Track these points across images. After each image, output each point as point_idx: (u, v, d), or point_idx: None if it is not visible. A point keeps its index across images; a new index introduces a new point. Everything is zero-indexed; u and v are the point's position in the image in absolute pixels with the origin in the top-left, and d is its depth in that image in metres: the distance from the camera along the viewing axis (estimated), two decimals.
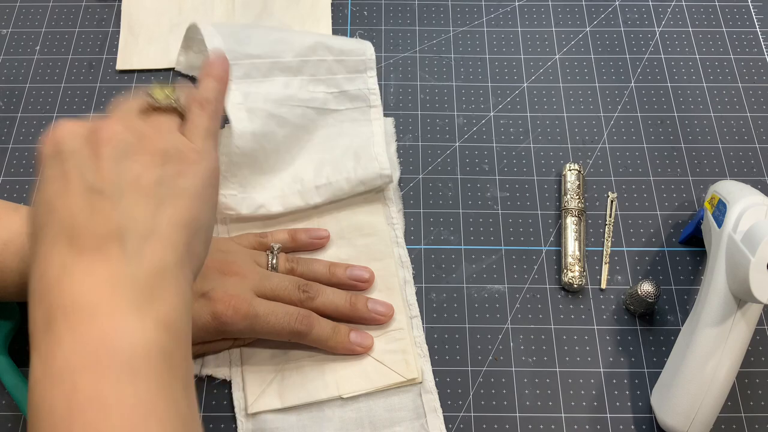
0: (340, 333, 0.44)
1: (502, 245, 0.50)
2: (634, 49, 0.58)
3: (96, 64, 0.57)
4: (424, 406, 0.44)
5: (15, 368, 0.44)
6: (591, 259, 0.49)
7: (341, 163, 0.49)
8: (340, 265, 0.47)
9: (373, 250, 0.48)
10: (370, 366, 0.44)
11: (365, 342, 0.45)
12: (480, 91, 0.56)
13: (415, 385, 0.44)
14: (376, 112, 0.53)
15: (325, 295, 0.45)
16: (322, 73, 0.52)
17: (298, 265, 0.46)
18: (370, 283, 0.47)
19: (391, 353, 0.45)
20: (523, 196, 0.51)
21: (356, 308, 0.45)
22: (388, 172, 0.49)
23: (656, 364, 0.46)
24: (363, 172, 0.49)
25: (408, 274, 0.48)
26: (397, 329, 0.46)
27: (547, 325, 0.47)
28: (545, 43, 0.58)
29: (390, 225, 0.50)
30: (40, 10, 0.59)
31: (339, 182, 0.49)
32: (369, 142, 0.51)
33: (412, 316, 0.47)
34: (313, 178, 0.49)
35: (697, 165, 0.53)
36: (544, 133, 0.54)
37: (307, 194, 0.49)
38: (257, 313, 0.41)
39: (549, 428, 0.44)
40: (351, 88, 0.53)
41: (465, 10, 0.60)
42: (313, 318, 0.43)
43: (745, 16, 0.60)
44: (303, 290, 0.44)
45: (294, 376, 0.44)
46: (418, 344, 0.46)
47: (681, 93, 0.56)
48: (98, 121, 0.32)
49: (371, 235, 0.49)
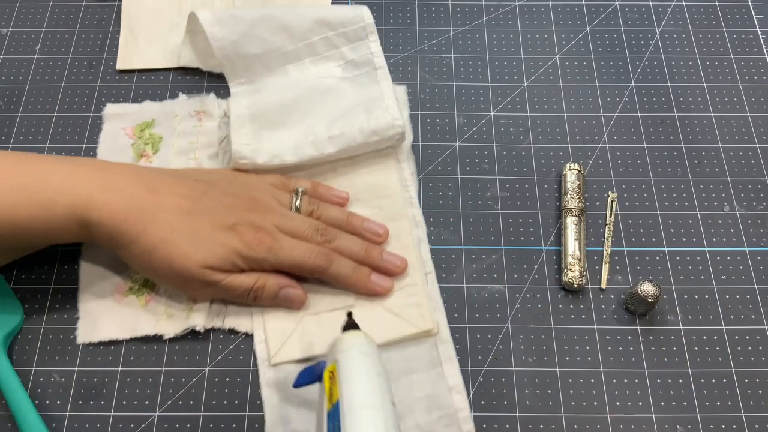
0: (360, 271, 0.46)
1: (502, 245, 0.50)
2: (634, 49, 0.58)
3: (96, 64, 0.57)
4: (440, 355, 0.45)
5: (11, 369, 0.44)
6: (591, 259, 0.49)
7: (353, 116, 0.50)
8: (357, 216, 0.49)
9: (388, 210, 0.50)
10: (386, 318, 0.45)
11: (385, 283, 0.46)
12: (480, 91, 0.56)
13: (431, 336, 0.45)
14: (382, 72, 0.53)
15: (342, 240, 0.46)
16: (325, 51, 0.54)
17: (319, 208, 0.48)
18: (384, 239, 0.48)
19: (406, 307, 0.46)
20: (523, 196, 0.51)
21: (371, 256, 0.47)
22: (400, 122, 0.50)
23: (656, 364, 0.46)
24: (375, 122, 0.49)
25: (422, 233, 0.49)
26: (412, 285, 0.47)
27: (547, 325, 0.47)
28: (545, 43, 0.58)
29: (404, 187, 0.51)
30: (40, 10, 0.59)
31: (352, 132, 0.49)
32: (379, 97, 0.52)
33: (426, 272, 0.48)
34: (326, 130, 0.50)
35: (697, 165, 0.53)
36: (544, 133, 0.54)
37: (321, 144, 0.49)
38: (281, 246, 0.44)
39: (549, 428, 0.44)
40: (356, 57, 0.54)
41: (465, 10, 0.60)
42: (333, 255, 0.45)
43: (745, 16, 0.60)
44: (321, 233, 0.46)
45: (314, 328, 0.45)
46: (433, 298, 0.47)
47: (681, 93, 0.56)
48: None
49: (386, 196, 0.50)
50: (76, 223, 0.41)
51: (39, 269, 0.48)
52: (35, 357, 0.45)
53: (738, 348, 0.46)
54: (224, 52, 0.52)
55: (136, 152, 0.52)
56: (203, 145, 0.52)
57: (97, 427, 0.43)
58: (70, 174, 0.41)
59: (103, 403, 0.44)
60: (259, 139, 0.49)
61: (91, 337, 0.46)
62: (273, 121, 0.50)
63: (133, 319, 0.46)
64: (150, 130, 0.53)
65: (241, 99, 0.52)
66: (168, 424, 0.43)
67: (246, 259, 0.43)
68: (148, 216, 0.41)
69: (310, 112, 0.51)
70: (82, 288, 0.47)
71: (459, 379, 0.44)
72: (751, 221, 0.51)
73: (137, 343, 0.46)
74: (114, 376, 0.45)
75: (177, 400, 0.44)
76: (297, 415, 0.43)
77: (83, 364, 0.45)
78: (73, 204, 0.40)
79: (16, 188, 0.40)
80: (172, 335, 0.45)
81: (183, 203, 0.43)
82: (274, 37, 0.52)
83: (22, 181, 0.40)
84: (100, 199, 0.41)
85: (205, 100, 0.54)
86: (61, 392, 0.44)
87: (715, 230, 0.50)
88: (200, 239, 0.42)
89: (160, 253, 0.41)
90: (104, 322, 0.46)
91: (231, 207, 0.44)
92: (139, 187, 0.42)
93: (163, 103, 0.54)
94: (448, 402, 0.43)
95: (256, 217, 0.45)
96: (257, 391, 0.44)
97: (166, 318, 0.46)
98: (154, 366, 0.45)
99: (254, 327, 0.46)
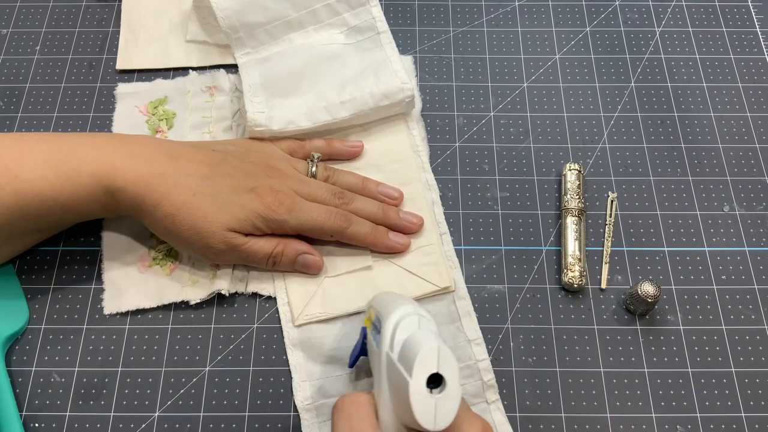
0: (378, 230, 0.47)
1: (502, 245, 0.50)
2: (634, 49, 0.58)
3: (96, 64, 0.57)
4: (458, 310, 0.46)
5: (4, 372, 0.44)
6: (591, 259, 0.49)
7: (362, 81, 0.51)
8: (372, 181, 0.50)
9: (401, 174, 0.51)
10: (405, 278, 0.47)
11: (403, 240, 0.48)
12: (480, 91, 0.56)
13: (449, 293, 0.47)
14: (385, 36, 0.55)
15: (359, 202, 0.48)
16: (328, 18, 0.55)
17: (335, 174, 0.49)
18: (399, 201, 0.49)
19: (424, 266, 0.47)
20: (523, 196, 0.51)
21: (388, 215, 0.48)
22: (409, 85, 0.51)
23: (656, 364, 0.46)
24: (385, 86, 0.51)
25: (435, 196, 0.50)
26: (428, 245, 0.48)
27: (547, 325, 0.47)
28: (545, 43, 0.58)
29: (416, 152, 0.52)
30: (40, 10, 0.59)
31: (363, 96, 0.50)
32: (385, 61, 0.53)
33: (441, 233, 0.49)
34: (337, 96, 0.51)
35: (697, 165, 0.53)
36: (544, 133, 0.54)
37: (333, 109, 0.50)
38: (301, 208, 0.45)
39: (549, 428, 0.44)
40: (358, 23, 0.55)
41: (465, 10, 0.60)
42: (351, 216, 0.47)
43: (745, 16, 0.60)
44: (339, 196, 0.47)
45: (335, 290, 0.47)
46: (449, 257, 0.48)
47: (681, 93, 0.56)
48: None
49: (398, 161, 0.51)
50: (102, 191, 0.42)
51: (39, 269, 0.48)
52: (35, 357, 0.45)
53: (738, 348, 0.46)
54: (229, 21, 0.53)
55: (151, 128, 0.53)
56: (216, 119, 0.53)
57: (97, 427, 0.43)
58: (93, 145, 0.43)
59: (103, 403, 0.44)
60: (273, 106, 0.50)
61: (118, 307, 0.47)
62: (284, 89, 0.52)
63: (158, 288, 0.47)
64: (163, 107, 0.54)
65: (251, 69, 0.53)
66: (168, 424, 0.43)
67: (266, 220, 0.44)
68: (171, 180, 0.43)
69: (318, 78, 0.52)
70: (105, 260, 0.48)
71: (478, 332, 0.45)
72: (751, 221, 0.51)
73: (137, 342, 0.46)
74: (114, 376, 0.45)
75: (177, 400, 0.44)
76: (322, 372, 0.44)
77: (83, 364, 0.45)
78: (97, 172, 0.42)
79: (41, 161, 0.41)
80: (198, 300, 0.46)
81: (203, 169, 0.44)
82: (277, 6, 0.53)
83: (47, 155, 0.41)
84: (123, 166, 0.42)
85: (215, 75, 0.55)
86: (61, 392, 0.44)
87: (715, 230, 0.50)
88: (222, 201, 0.44)
89: (184, 215, 0.43)
90: (130, 292, 0.47)
91: (250, 172, 0.46)
92: (160, 155, 0.44)
93: (175, 80, 0.55)
94: (468, 353, 0.45)
95: (274, 182, 0.46)
96: (257, 391, 0.45)
97: (191, 285, 0.47)
98: (154, 366, 0.45)
99: (276, 290, 0.47)
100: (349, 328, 0.45)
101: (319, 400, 0.44)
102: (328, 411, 0.43)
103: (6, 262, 0.48)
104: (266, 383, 0.45)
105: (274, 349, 0.46)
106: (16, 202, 0.41)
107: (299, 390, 0.44)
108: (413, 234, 0.48)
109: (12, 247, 0.46)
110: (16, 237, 0.45)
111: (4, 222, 0.41)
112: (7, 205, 0.41)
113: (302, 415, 0.44)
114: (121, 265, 0.48)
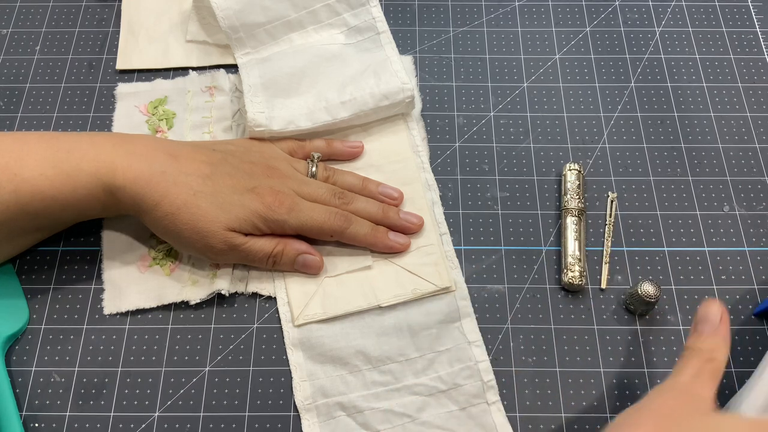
0: (378, 230, 0.47)
1: (502, 245, 0.50)
2: (634, 49, 0.58)
3: (96, 64, 0.57)
4: (459, 311, 0.46)
5: (5, 376, 0.44)
6: (591, 259, 0.49)
7: (363, 81, 0.51)
8: (372, 181, 0.50)
9: (401, 175, 0.51)
10: (405, 278, 0.47)
11: (403, 240, 0.48)
12: (480, 91, 0.56)
13: (449, 293, 0.46)
14: (385, 36, 0.55)
15: (359, 202, 0.48)
16: (328, 18, 0.55)
17: (335, 174, 0.49)
18: (399, 202, 0.50)
19: (424, 266, 0.47)
20: (523, 196, 0.51)
21: (388, 216, 0.48)
22: (409, 86, 0.51)
23: (656, 364, 0.46)
24: (385, 86, 0.51)
25: (435, 196, 0.50)
26: (428, 245, 0.48)
27: (547, 325, 0.47)
28: (545, 43, 0.58)
29: (416, 152, 0.52)
30: (40, 10, 0.59)
31: (363, 97, 0.51)
32: (386, 61, 0.53)
33: (441, 233, 0.49)
34: (338, 96, 0.51)
35: (697, 165, 0.53)
36: (544, 133, 0.54)
37: (333, 109, 0.50)
38: (301, 209, 0.45)
39: (549, 428, 0.44)
40: (358, 23, 0.55)
41: (465, 10, 0.60)
42: (351, 216, 0.47)
43: (745, 16, 0.60)
44: (339, 196, 0.47)
45: (335, 290, 0.47)
46: (449, 257, 0.48)
47: (681, 93, 0.56)
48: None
49: (398, 161, 0.52)
50: (102, 189, 0.42)
51: (39, 269, 0.48)
52: (35, 357, 0.45)
53: (738, 348, 0.46)
54: (229, 21, 0.53)
55: (151, 128, 0.53)
56: (217, 119, 0.53)
57: (97, 427, 0.43)
58: (93, 143, 0.43)
59: (103, 403, 0.44)
60: (273, 107, 0.51)
61: (118, 308, 0.47)
62: (284, 89, 0.52)
63: (158, 288, 0.47)
64: (163, 107, 0.54)
65: (251, 69, 0.53)
66: (168, 424, 0.43)
67: (267, 220, 0.44)
68: (171, 179, 0.43)
69: (318, 78, 0.52)
70: (105, 260, 0.48)
71: (478, 334, 0.46)
72: (751, 221, 0.51)
73: (137, 342, 0.46)
74: (114, 376, 0.45)
75: (177, 400, 0.44)
76: (322, 372, 0.44)
77: (83, 364, 0.45)
78: (97, 170, 0.42)
79: (41, 160, 0.41)
80: (198, 300, 0.46)
81: (203, 168, 0.44)
82: (277, 6, 0.54)
83: (47, 153, 0.42)
84: (123, 165, 0.42)
85: (215, 75, 0.55)
86: (61, 392, 0.44)
87: (715, 230, 0.50)
88: (222, 201, 0.44)
89: (184, 214, 0.43)
90: (130, 292, 0.47)
91: (250, 172, 0.46)
92: (160, 154, 0.44)
93: (175, 80, 0.55)
94: (468, 355, 0.45)
95: (274, 182, 0.46)
96: (257, 391, 0.45)
97: (191, 285, 0.47)
98: (154, 366, 0.45)
99: (276, 290, 0.47)
100: (349, 327, 0.45)
101: (319, 400, 0.44)
102: (328, 411, 0.43)
103: (6, 262, 0.48)
104: (266, 383, 0.45)
105: (274, 349, 0.46)
106: (16, 200, 0.41)
107: (299, 390, 0.44)
108: (413, 234, 0.48)
109: (12, 246, 0.46)
110: (16, 236, 0.45)
111: (4, 220, 0.41)
112: (7, 204, 0.41)
113: (302, 415, 0.44)
114: (121, 265, 0.48)
